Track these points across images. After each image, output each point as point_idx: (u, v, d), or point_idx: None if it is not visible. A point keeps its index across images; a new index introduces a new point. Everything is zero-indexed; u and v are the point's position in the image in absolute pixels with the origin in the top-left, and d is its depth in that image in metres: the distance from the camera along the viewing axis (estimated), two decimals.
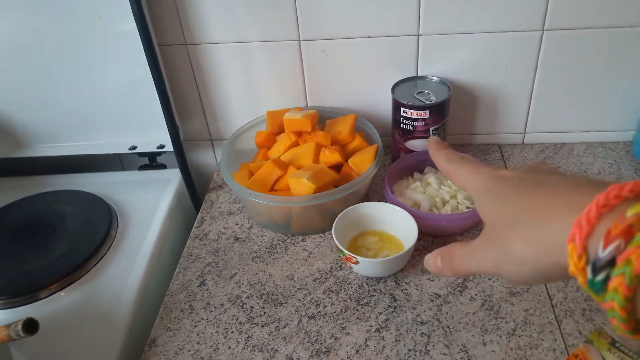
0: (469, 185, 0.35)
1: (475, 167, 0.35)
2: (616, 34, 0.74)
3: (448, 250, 0.35)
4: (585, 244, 0.25)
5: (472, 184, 0.34)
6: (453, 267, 0.35)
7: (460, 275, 0.35)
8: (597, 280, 0.24)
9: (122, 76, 0.79)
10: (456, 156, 0.37)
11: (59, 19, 0.74)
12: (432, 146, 0.39)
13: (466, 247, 0.34)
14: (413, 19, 0.75)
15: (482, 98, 0.83)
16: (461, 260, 0.34)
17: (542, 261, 0.28)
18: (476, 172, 0.34)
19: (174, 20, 0.78)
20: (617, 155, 0.82)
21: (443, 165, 0.37)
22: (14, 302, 0.66)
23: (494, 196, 0.32)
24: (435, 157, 0.38)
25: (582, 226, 0.25)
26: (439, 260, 0.36)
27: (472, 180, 0.34)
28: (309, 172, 0.69)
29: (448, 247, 0.35)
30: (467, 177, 0.35)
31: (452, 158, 0.37)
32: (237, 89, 0.85)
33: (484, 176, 0.34)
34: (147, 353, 0.60)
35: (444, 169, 0.37)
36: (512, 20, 0.74)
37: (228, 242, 0.74)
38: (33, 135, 0.87)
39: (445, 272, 0.35)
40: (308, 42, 0.79)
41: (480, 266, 0.32)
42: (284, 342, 0.59)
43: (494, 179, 0.33)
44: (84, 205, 0.80)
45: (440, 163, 0.38)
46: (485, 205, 0.33)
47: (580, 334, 0.57)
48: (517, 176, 0.32)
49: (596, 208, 0.25)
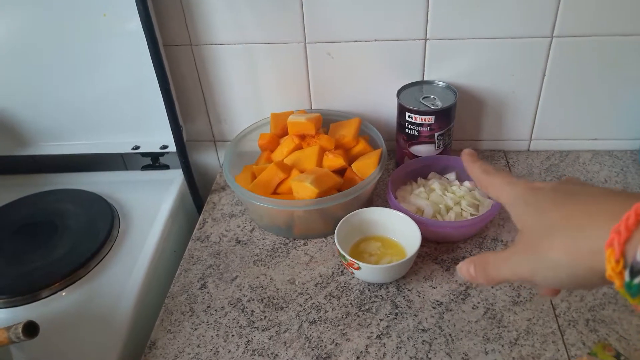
0: (505, 196, 0.36)
1: (511, 178, 0.37)
2: (625, 41, 0.73)
3: (481, 258, 0.37)
4: (623, 249, 0.26)
5: (508, 195, 0.36)
6: (487, 274, 0.36)
7: (493, 282, 0.36)
8: (635, 283, 0.26)
9: (126, 75, 0.79)
10: (491, 168, 0.39)
11: (64, 17, 0.74)
12: (467, 158, 0.41)
13: (500, 255, 0.35)
14: (420, 23, 0.75)
15: (488, 104, 0.82)
16: (495, 268, 0.35)
17: (578, 266, 0.29)
18: (512, 183, 0.36)
19: (179, 21, 0.78)
20: (624, 164, 0.82)
21: (478, 176, 0.39)
22: (14, 302, 0.66)
23: (531, 207, 0.34)
24: (471, 168, 0.40)
25: (621, 232, 0.26)
26: (472, 269, 0.37)
27: (508, 191, 0.36)
28: (312, 176, 0.68)
29: (481, 255, 0.37)
30: (502, 189, 0.37)
31: (487, 170, 0.39)
32: (242, 91, 0.85)
33: (520, 188, 0.35)
34: (147, 355, 0.60)
35: (479, 179, 0.39)
36: (520, 26, 0.73)
37: (230, 244, 0.74)
38: (36, 133, 0.87)
39: (479, 280, 0.36)
40: (314, 44, 0.78)
41: (514, 273, 0.34)
42: (284, 347, 0.59)
43: (530, 190, 0.35)
44: (86, 205, 0.79)
45: (475, 174, 0.40)
46: (521, 215, 0.34)
47: (583, 345, 0.56)
48: (552, 188, 0.34)
49: (635, 215, 0.26)
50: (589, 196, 0.31)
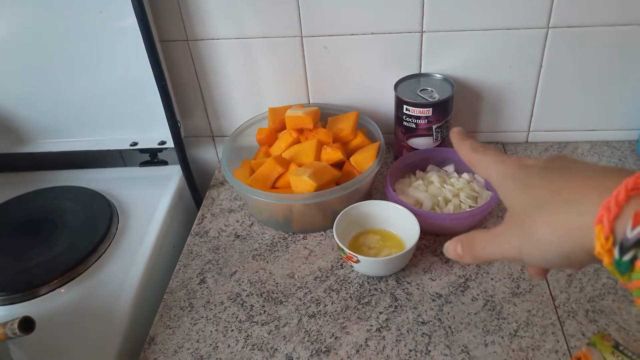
0: (493, 173, 0.35)
1: (500, 156, 0.36)
2: (622, 31, 0.73)
3: (468, 237, 0.36)
4: (613, 225, 0.26)
5: (496, 172, 0.35)
6: (474, 252, 0.35)
7: (480, 260, 0.36)
8: (625, 261, 0.25)
9: (123, 72, 0.79)
10: (480, 146, 0.38)
11: (61, 14, 0.74)
12: (456, 136, 0.40)
13: (487, 233, 0.35)
14: (417, 16, 0.74)
15: (486, 96, 0.82)
16: (482, 246, 0.35)
17: (566, 243, 0.29)
18: (500, 161, 0.35)
19: (175, 16, 0.77)
20: (622, 154, 0.82)
21: (467, 154, 0.38)
22: (13, 299, 0.66)
23: (519, 183, 0.33)
24: (459, 146, 0.39)
25: (611, 208, 0.26)
26: (459, 247, 0.36)
27: (497, 169, 0.35)
28: (311, 170, 0.68)
29: (468, 234, 0.36)
30: (491, 166, 0.36)
31: (475, 147, 0.38)
32: (239, 86, 0.84)
33: (509, 165, 0.34)
34: (147, 351, 0.60)
35: (468, 157, 0.38)
36: (517, 17, 0.73)
37: (229, 239, 0.74)
38: (34, 130, 0.87)
39: (465, 259, 0.36)
40: (310, 38, 0.78)
41: (502, 251, 0.33)
42: (284, 341, 0.59)
43: (519, 167, 0.34)
44: (85, 202, 0.79)
45: (463, 152, 0.39)
46: (509, 193, 0.34)
47: (583, 336, 0.56)
48: (542, 164, 0.33)
49: (625, 191, 0.25)
50: (580, 172, 0.31)
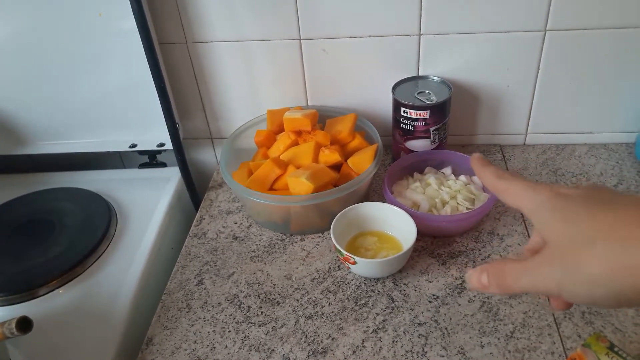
0: (527, 202, 0.33)
1: (529, 182, 0.34)
2: (619, 34, 0.73)
3: (496, 267, 0.34)
4: None
5: (531, 201, 0.33)
6: (503, 284, 0.33)
7: (509, 292, 0.34)
8: None
9: (122, 74, 0.79)
10: (506, 172, 0.36)
11: (60, 16, 0.74)
12: (477, 162, 0.38)
13: (520, 263, 0.33)
14: (414, 19, 0.75)
15: (483, 98, 0.82)
16: (514, 277, 0.32)
17: (618, 282, 0.27)
18: (533, 188, 0.33)
19: (174, 19, 0.78)
20: (620, 157, 0.82)
21: (491, 182, 0.36)
22: (12, 299, 0.66)
23: (559, 214, 0.31)
24: (482, 173, 0.37)
25: None
26: (484, 278, 0.34)
27: (530, 197, 0.33)
28: (308, 172, 0.68)
29: (495, 263, 0.34)
30: (522, 194, 0.34)
31: (501, 175, 0.36)
32: (238, 88, 0.85)
33: (544, 194, 0.33)
34: (144, 351, 0.60)
35: (493, 185, 0.36)
36: (514, 20, 0.73)
37: (227, 241, 0.74)
38: (33, 132, 0.87)
39: (492, 290, 0.34)
40: (309, 41, 0.78)
41: (537, 284, 0.31)
42: (281, 342, 0.59)
43: (556, 196, 0.32)
44: (84, 203, 0.80)
45: (487, 180, 0.37)
46: (548, 224, 0.32)
47: (579, 337, 0.57)
48: (582, 195, 0.31)
49: None
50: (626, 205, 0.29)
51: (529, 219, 0.33)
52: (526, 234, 0.70)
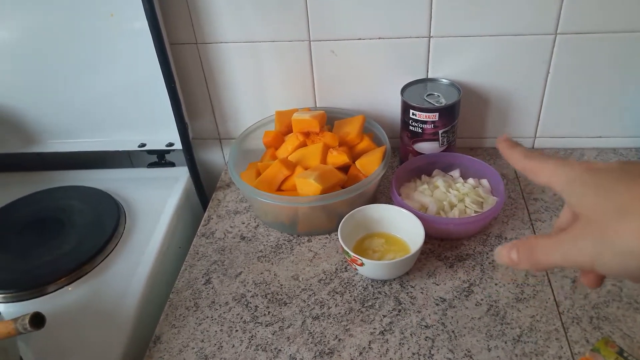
0: (558, 178, 0.33)
1: (561, 160, 0.34)
2: (630, 38, 0.73)
3: (527, 242, 0.34)
4: None
5: (562, 177, 0.33)
6: (534, 258, 0.33)
7: (541, 268, 0.33)
8: None
9: (133, 74, 0.80)
10: (534, 152, 0.35)
11: (73, 17, 0.75)
12: (504, 144, 0.37)
13: (551, 238, 0.32)
14: (424, 21, 0.75)
15: (492, 101, 0.82)
16: (545, 252, 0.32)
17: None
18: (565, 164, 0.33)
19: (185, 20, 0.78)
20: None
21: (521, 162, 0.36)
22: (22, 296, 0.67)
23: (593, 188, 0.31)
24: (510, 154, 0.37)
25: None
26: (514, 253, 0.34)
27: (562, 174, 0.33)
28: (316, 173, 0.69)
29: (526, 239, 0.34)
30: (554, 171, 0.33)
31: (529, 154, 0.35)
32: (247, 89, 0.85)
33: (576, 169, 0.32)
34: (152, 350, 0.60)
35: (523, 165, 0.36)
36: (524, 23, 0.73)
37: (234, 241, 0.74)
38: (44, 131, 0.88)
39: (522, 265, 0.34)
40: (318, 42, 0.79)
41: (569, 258, 0.31)
42: (288, 342, 0.59)
43: (588, 171, 0.32)
44: (93, 202, 0.80)
45: (516, 160, 0.36)
46: (581, 197, 0.31)
47: (587, 342, 0.56)
48: (616, 167, 0.31)
49: None
50: None
51: (562, 196, 0.33)
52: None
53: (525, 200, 0.76)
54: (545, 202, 0.75)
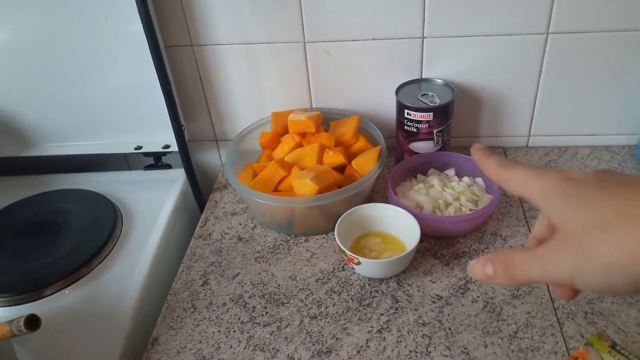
0: (534, 188, 0.31)
1: (537, 169, 0.32)
2: (621, 37, 0.74)
3: (503, 255, 0.32)
4: None
5: (538, 187, 0.31)
6: (511, 273, 0.31)
7: (518, 283, 0.31)
8: None
9: (128, 76, 0.80)
10: (509, 160, 0.34)
11: (68, 20, 0.75)
12: (479, 153, 0.36)
13: (528, 252, 0.31)
14: (418, 22, 0.75)
15: (486, 101, 0.83)
16: (522, 266, 0.30)
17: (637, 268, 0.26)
18: (541, 173, 0.31)
19: (180, 22, 0.79)
20: (622, 158, 0.82)
21: (496, 171, 0.34)
22: (19, 299, 0.67)
23: (572, 198, 0.29)
24: (484, 163, 0.35)
25: None
26: (489, 267, 0.32)
27: (538, 183, 0.31)
28: (313, 173, 0.69)
29: (501, 252, 0.32)
30: (529, 180, 0.32)
31: (505, 163, 0.34)
32: (242, 90, 0.85)
33: (552, 178, 0.31)
34: (150, 351, 0.60)
35: (497, 174, 0.34)
36: (516, 23, 0.74)
37: (231, 242, 0.74)
38: (40, 134, 0.88)
39: (498, 280, 0.31)
40: (313, 43, 0.79)
41: (548, 273, 0.29)
42: (286, 342, 0.59)
43: (566, 180, 0.30)
44: (90, 204, 0.80)
45: (491, 169, 0.35)
46: (560, 209, 0.30)
47: (582, 337, 0.57)
48: (595, 178, 0.30)
49: None
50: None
51: (538, 207, 0.31)
52: (529, 235, 0.70)
53: (520, 199, 0.76)
54: None
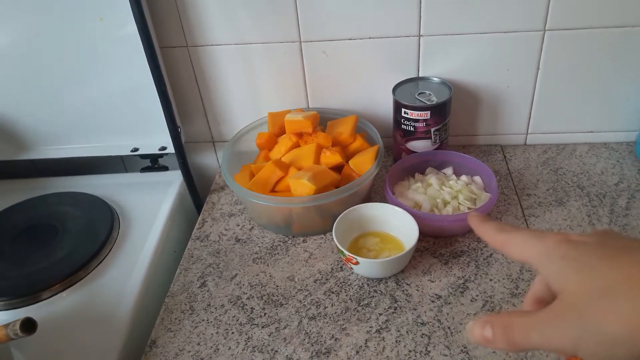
0: (532, 251, 0.31)
1: (535, 232, 0.32)
2: (618, 34, 0.74)
3: (503, 319, 0.30)
4: None
5: (537, 250, 0.30)
6: (511, 338, 0.29)
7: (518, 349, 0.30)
8: None
9: (124, 78, 0.80)
10: (507, 225, 0.34)
11: (61, 22, 0.75)
12: (475, 219, 0.36)
13: (529, 317, 0.29)
14: (414, 20, 0.75)
15: (483, 99, 0.82)
16: (523, 332, 0.29)
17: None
18: (540, 236, 0.31)
19: (175, 23, 0.78)
20: (620, 155, 0.82)
21: (493, 236, 0.34)
22: (16, 303, 0.66)
23: (572, 263, 0.28)
24: (482, 229, 0.35)
25: None
26: (488, 330, 0.30)
27: (536, 246, 0.30)
28: (310, 173, 0.69)
29: (502, 315, 0.30)
30: (528, 244, 0.31)
31: (502, 227, 0.33)
32: (239, 91, 0.85)
33: (552, 241, 0.30)
34: (148, 354, 0.60)
35: (495, 240, 0.34)
36: (513, 20, 0.74)
37: (229, 243, 0.74)
38: (35, 137, 0.87)
39: (497, 345, 0.30)
40: (309, 43, 0.79)
41: (549, 341, 0.28)
42: (284, 343, 0.59)
43: (566, 242, 0.29)
44: (86, 207, 0.80)
45: (488, 234, 0.34)
46: (561, 274, 0.29)
47: None
48: (595, 241, 0.29)
49: None
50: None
51: (538, 271, 0.31)
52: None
53: (519, 196, 0.76)
54: (538, 198, 0.75)
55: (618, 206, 0.72)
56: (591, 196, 0.75)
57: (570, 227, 0.70)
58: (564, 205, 0.74)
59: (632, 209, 0.72)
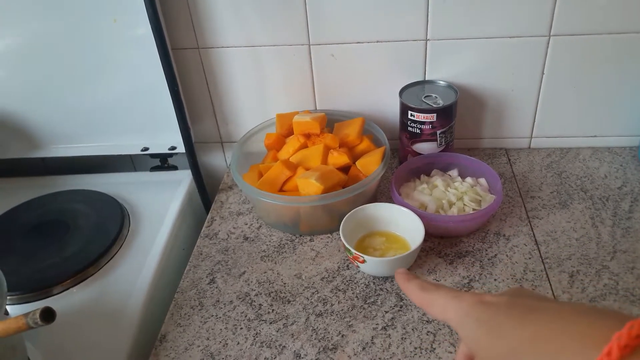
0: (451, 312, 0.32)
1: (455, 292, 0.33)
2: (623, 39, 0.75)
3: None
4: None
5: (454, 312, 0.32)
6: None
7: None
8: None
9: (135, 79, 0.81)
10: (430, 284, 0.35)
11: (76, 23, 0.77)
12: (401, 277, 0.37)
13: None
14: (421, 24, 0.76)
15: (489, 102, 0.84)
16: None
17: None
18: (457, 297, 0.32)
19: (187, 25, 0.80)
20: (623, 160, 0.83)
21: (417, 295, 0.35)
22: (28, 297, 0.67)
23: (485, 326, 0.30)
24: (406, 287, 0.36)
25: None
26: None
27: (455, 308, 0.32)
28: (317, 173, 0.70)
29: None
30: (447, 305, 0.33)
31: (425, 287, 0.35)
32: (248, 92, 0.87)
33: (467, 303, 0.32)
34: (158, 348, 0.61)
35: (419, 298, 0.35)
36: (519, 25, 0.75)
37: (237, 241, 0.75)
38: (47, 136, 0.89)
39: None
40: (317, 46, 0.80)
41: None
42: (292, 339, 0.60)
43: (479, 304, 0.31)
44: (97, 205, 0.81)
45: (412, 293, 0.36)
46: (474, 336, 0.30)
47: None
48: (505, 302, 0.30)
49: (618, 349, 0.23)
50: (556, 314, 0.28)
51: (456, 331, 0.32)
52: (532, 234, 0.71)
53: (523, 198, 0.77)
54: (542, 200, 0.77)
55: (621, 209, 0.73)
56: (594, 199, 0.76)
57: (573, 229, 0.71)
58: (567, 208, 0.75)
59: (634, 212, 0.73)
